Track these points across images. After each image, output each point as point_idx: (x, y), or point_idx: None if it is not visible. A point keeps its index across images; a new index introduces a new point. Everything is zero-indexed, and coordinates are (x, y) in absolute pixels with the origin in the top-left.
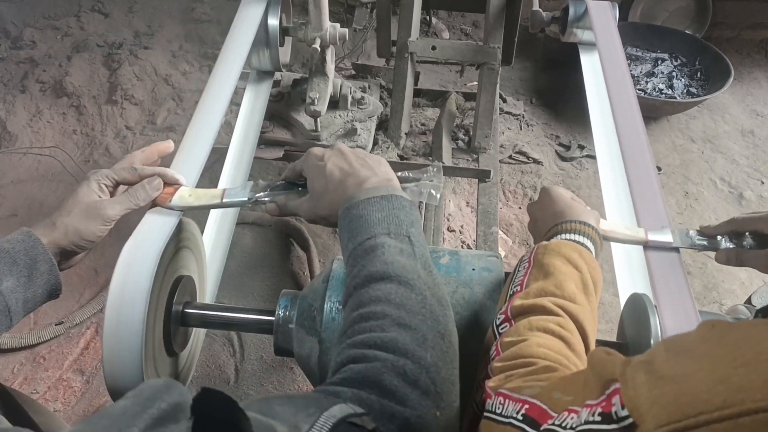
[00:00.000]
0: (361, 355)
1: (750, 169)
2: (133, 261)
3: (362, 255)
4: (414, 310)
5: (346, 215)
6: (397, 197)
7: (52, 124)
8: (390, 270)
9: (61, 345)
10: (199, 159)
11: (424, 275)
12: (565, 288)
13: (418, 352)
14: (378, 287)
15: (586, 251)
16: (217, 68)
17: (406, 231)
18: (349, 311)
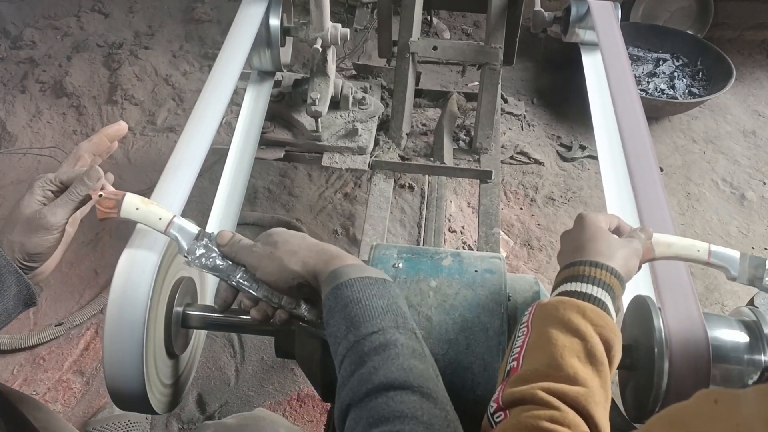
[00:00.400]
0: None
1: (752, 170)
2: (134, 263)
3: (371, 353)
4: (442, 431)
5: (337, 295)
6: (390, 283)
7: (51, 124)
8: (410, 378)
9: (61, 346)
10: (195, 160)
11: (439, 383)
12: (563, 367)
13: None
14: (399, 399)
15: (592, 309)
16: (216, 68)
17: (412, 327)
18: (364, 424)
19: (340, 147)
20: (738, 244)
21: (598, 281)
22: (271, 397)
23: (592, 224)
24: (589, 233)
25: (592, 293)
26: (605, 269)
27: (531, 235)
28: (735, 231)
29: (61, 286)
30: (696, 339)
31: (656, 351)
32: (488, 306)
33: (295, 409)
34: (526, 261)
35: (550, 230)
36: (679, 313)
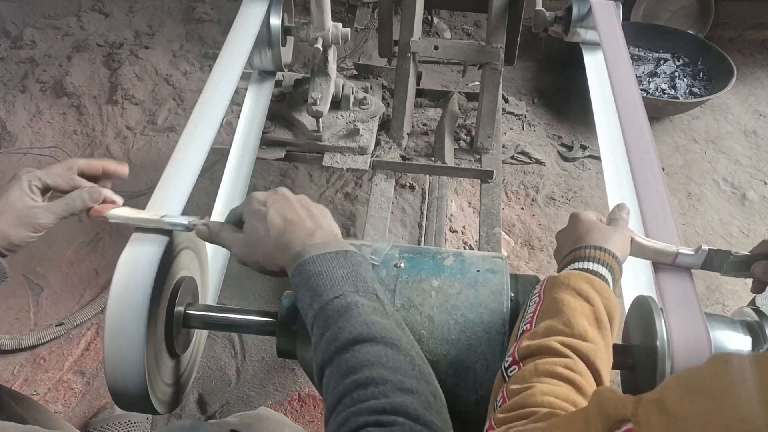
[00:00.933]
0: (376, 421)
1: (753, 170)
2: (135, 262)
3: (335, 315)
4: (408, 374)
5: (301, 271)
6: (353, 253)
7: (52, 124)
8: (373, 331)
9: (61, 346)
10: (195, 162)
11: (403, 335)
12: (575, 325)
13: (428, 417)
14: (365, 350)
15: (599, 281)
16: (216, 68)
17: (373, 289)
18: (337, 377)
19: (341, 147)
20: (739, 244)
21: (601, 261)
22: (272, 398)
23: (586, 219)
24: (585, 227)
25: (597, 270)
26: (606, 252)
27: (532, 235)
28: (736, 231)
29: (62, 286)
30: (698, 340)
31: (658, 352)
32: (490, 306)
33: (296, 409)
34: (527, 261)
35: (551, 230)
36: (681, 314)
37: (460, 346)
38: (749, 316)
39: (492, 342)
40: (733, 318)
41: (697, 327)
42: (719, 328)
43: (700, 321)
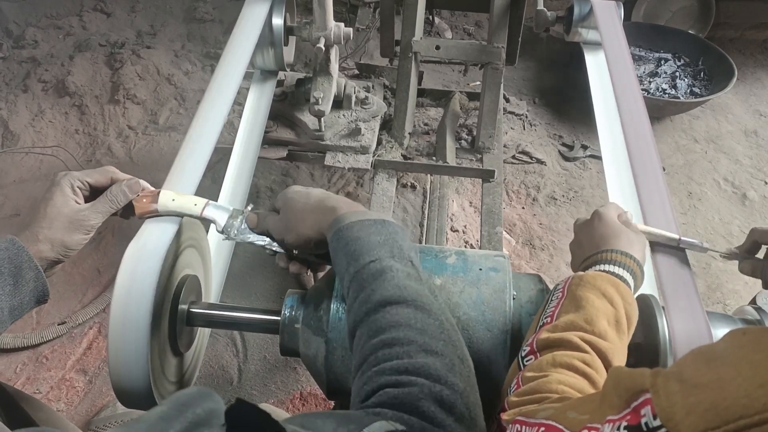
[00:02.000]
0: (395, 381)
1: (753, 170)
2: (138, 261)
3: (369, 279)
4: (436, 336)
5: (339, 236)
6: (391, 222)
7: (54, 123)
8: (405, 294)
9: (63, 345)
10: (200, 160)
11: (435, 300)
12: (597, 324)
13: (451, 379)
14: (395, 312)
15: (623, 286)
16: (220, 68)
17: (408, 256)
18: (366, 337)
19: (342, 146)
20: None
21: (627, 267)
22: (274, 396)
23: (611, 221)
24: (611, 229)
25: (622, 275)
26: (631, 258)
27: (533, 234)
28: (737, 230)
29: (64, 285)
30: (700, 338)
31: (660, 350)
32: (493, 304)
33: (298, 408)
34: (528, 260)
35: (552, 230)
36: (683, 313)
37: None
38: (750, 314)
39: (494, 340)
40: (734, 316)
41: (699, 325)
42: (720, 327)
43: (701, 319)
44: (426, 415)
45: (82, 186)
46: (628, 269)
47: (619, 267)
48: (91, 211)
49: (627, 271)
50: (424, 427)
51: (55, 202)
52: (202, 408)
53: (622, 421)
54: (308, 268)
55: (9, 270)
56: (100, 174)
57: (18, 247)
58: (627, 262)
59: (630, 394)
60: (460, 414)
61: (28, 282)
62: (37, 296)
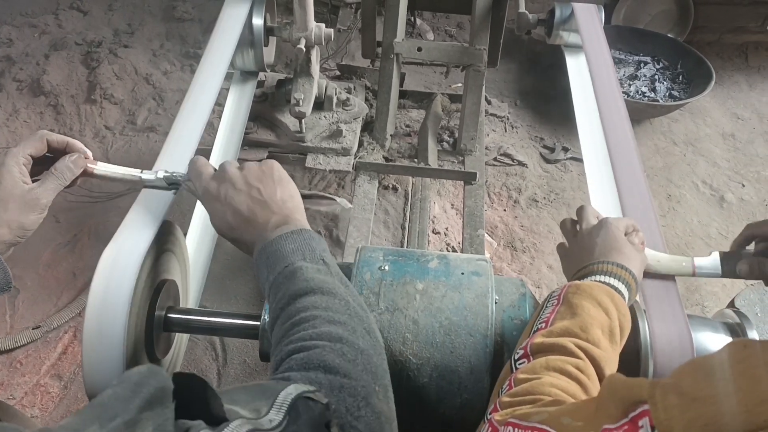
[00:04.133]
0: (300, 346)
1: (731, 172)
2: (114, 265)
3: (283, 281)
4: (340, 311)
5: (261, 254)
6: (306, 230)
7: (29, 123)
8: (312, 285)
9: (38, 349)
10: (181, 162)
11: (342, 288)
12: (591, 332)
13: (351, 338)
14: (303, 300)
15: (618, 297)
16: (201, 69)
17: (320, 255)
18: (278, 328)
19: (324, 148)
20: (718, 246)
21: (623, 279)
22: None
23: (616, 232)
24: (613, 241)
25: (618, 287)
26: (628, 271)
27: (514, 236)
28: (715, 233)
29: (38, 288)
30: (680, 342)
31: (641, 353)
32: (475, 309)
33: None
34: (510, 263)
35: (533, 232)
36: (664, 316)
37: (445, 349)
38: (730, 317)
39: (476, 345)
40: (714, 320)
41: (680, 329)
42: (701, 330)
43: (682, 323)
44: (331, 367)
45: (26, 161)
46: (623, 281)
47: (616, 279)
48: (42, 190)
49: (623, 283)
50: (331, 380)
51: (5, 185)
52: (154, 386)
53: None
54: None
55: None
56: (37, 141)
57: None
58: (623, 274)
59: (627, 404)
60: (364, 366)
61: None
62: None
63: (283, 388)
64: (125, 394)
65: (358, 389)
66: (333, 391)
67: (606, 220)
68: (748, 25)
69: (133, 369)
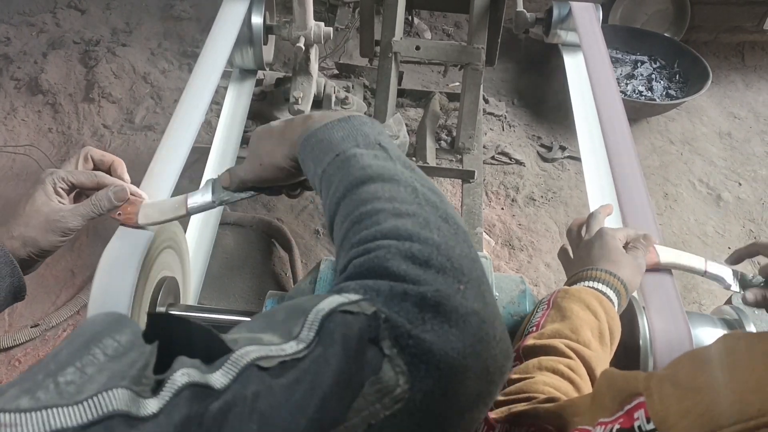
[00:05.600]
0: (362, 250)
1: (728, 171)
2: (116, 262)
3: (335, 172)
4: (407, 201)
5: (304, 146)
6: (356, 116)
7: (27, 122)
8: (370, 172)
9: (36, 348)
10: (177, 161)
11: (407, 171)
12: (581, 333)
13: (423, 234)
14: (361, 191)
15: (607, 301)
16: (198, 67)
17: (375, 140)
18: (338, 225)
19: None
20: (714, 244)
21: (611, 285)
22: None
23: (610, 241)
24: (607, 249)
25: (606, 292)
26: (617, 278)
27: (512, 235)
28: (711, 231)
29: (37, 287)
30: (680, 338)
31: (641, 350)
32: None
33: None
34: (507, 261)
35: (531, 230)
36: (663, 313)
37: None
38: (728, 313)
39: None
40: (713, 316)
41: (679, 325)
42: (700, 326)
43: (681, 319)
44: (396, 274)
45: (66, 187)
46: (612, 287)
47: (603, 284)
48: (71, 213)
49: (611, 288)
50: (393, 287)
51: (36, 200)
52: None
53: (614, 424)
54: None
55: None
56: (87, 178)
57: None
58: (611, 280)
59: (623, 397)
60: (439, 265)
61: (4, 278)
62: (14, 292)
63: (320, 301)
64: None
65: (429, 294)
66: (394, 299)
67: (601, 230)
68: (744, 25)
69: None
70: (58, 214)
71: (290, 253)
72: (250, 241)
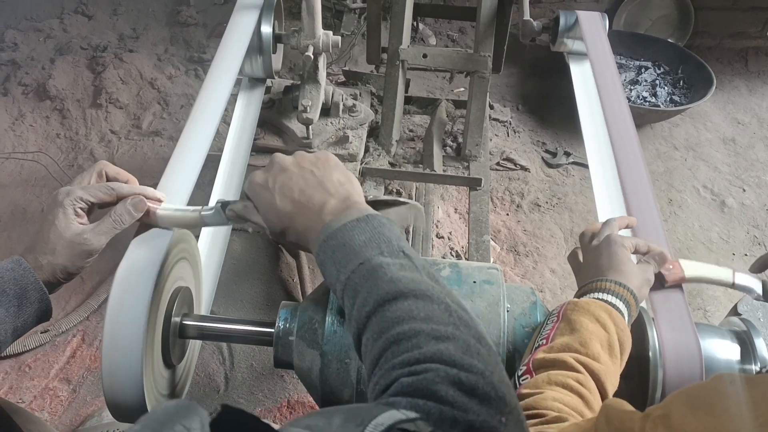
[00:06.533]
0: (409, 371)
1: (732, 177)
2: (132, 274)
3: (362, 282)
4: (443, 321)
5: (325, 248)
6: (374, 216)
7: (35, 127)
8: (401, 287)
9: (47, 353)
10: (192, 171)
11: (435, 286)
12: (590, 346)
13: (467, 360)
14: (395, 307)
15: (616, 313)
16: (210, 75)
17: (398, 247)
18: (371, 341)
19: None
20: (719, 251)
21: (621, 296)
22: (261, 405)
23: (618, 250)
24: (616, 258)
25: (616, 304)
26: (626, 289)
27: (517, 240)
28: (716, 237)
29: None
30: (689, 349)
31: (651, 361)
32: (487, 317)
33: (285, 417)
34: (513, 267)
35: (536, 236)
36: (672, 324)
37: None
38: (737, 325)
39: None
40: (721, 327)
41: (688, 337)
42: (709, 338)
43: (690, 331)
44: (445, 400)
45: (84, 206)
46: (621, 299)
47: (613, 296)
48: (94, 234)
49: (620, 300)
50: (443, 411)
51: (57, 226)
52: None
53: None
54: None
55: (14, 291)
56: (105, 193)
57: (24, 269)
58: (621, 291)
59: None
60: (484, 395)
61: (33, 303)
62: (41, 315)
63: (378, 414)
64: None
65: (477, 424)
66: (444, 424)
67: (609, 237)
68: (748, 30)
69: (162, 404)
70: (82, 238)
71: (297, 260)
72: (257, 246)
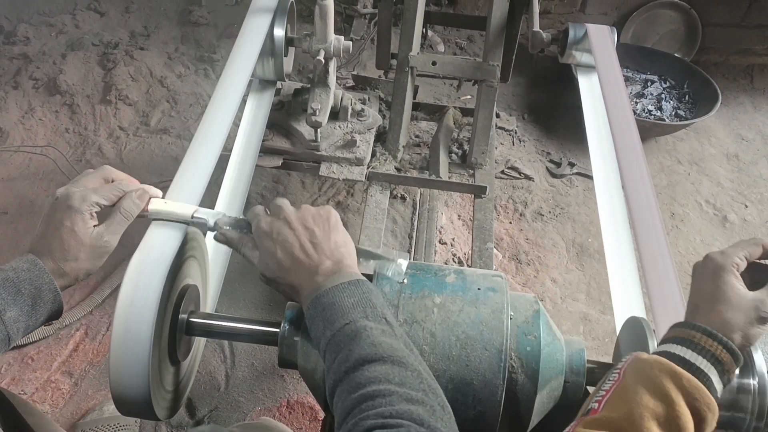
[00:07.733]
0: (382, 423)
1: (734, 193)
2: (143, 271)
3: (345, 340)
4: (415, 387)
5: (315, 304)
6: (363, 282)
7: (44, 122)
8: (380, 351)
9: (50, 346)
10: (204, 170)
11: (411, 355)
12: (640, 427)
13: (433, 423)
14: (373, 369)
15: (689, 378)
16: (224, 77)
17: (382, 313)
18: (346, 394)
19: (338, 157)
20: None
21: (707, 352)
22: (261, 403)
23: (718, 275)
24: (713, 288)
25: (695, 362)
26: (719, 342)
27: (519, 249)
28: None
29: None
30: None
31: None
32: (491, 324)
33: (284, 416)
34: (514, 275)
35: (538, 245)
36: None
37: (461, 362)
38: None
39: (491, 359)
40: None
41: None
42: None
43: None
44: None
45: (98, 210)
46: (707, 355)
47: (694, 352)
48: (109, 233)
49: (705, 357)
50: None
51: (77, 233)
52: None
53: None
54: None
55: (29, 291)
56: (115, 194)
57: (39, 269)
58: (708, 345)
59: None
60: None
61: (46, 303)
62: (51, 315)
63: None
64: None
65: None
66: None
67: (708, 257)
68: (754, 48)
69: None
70: (101, 240)
71: None
72: None
